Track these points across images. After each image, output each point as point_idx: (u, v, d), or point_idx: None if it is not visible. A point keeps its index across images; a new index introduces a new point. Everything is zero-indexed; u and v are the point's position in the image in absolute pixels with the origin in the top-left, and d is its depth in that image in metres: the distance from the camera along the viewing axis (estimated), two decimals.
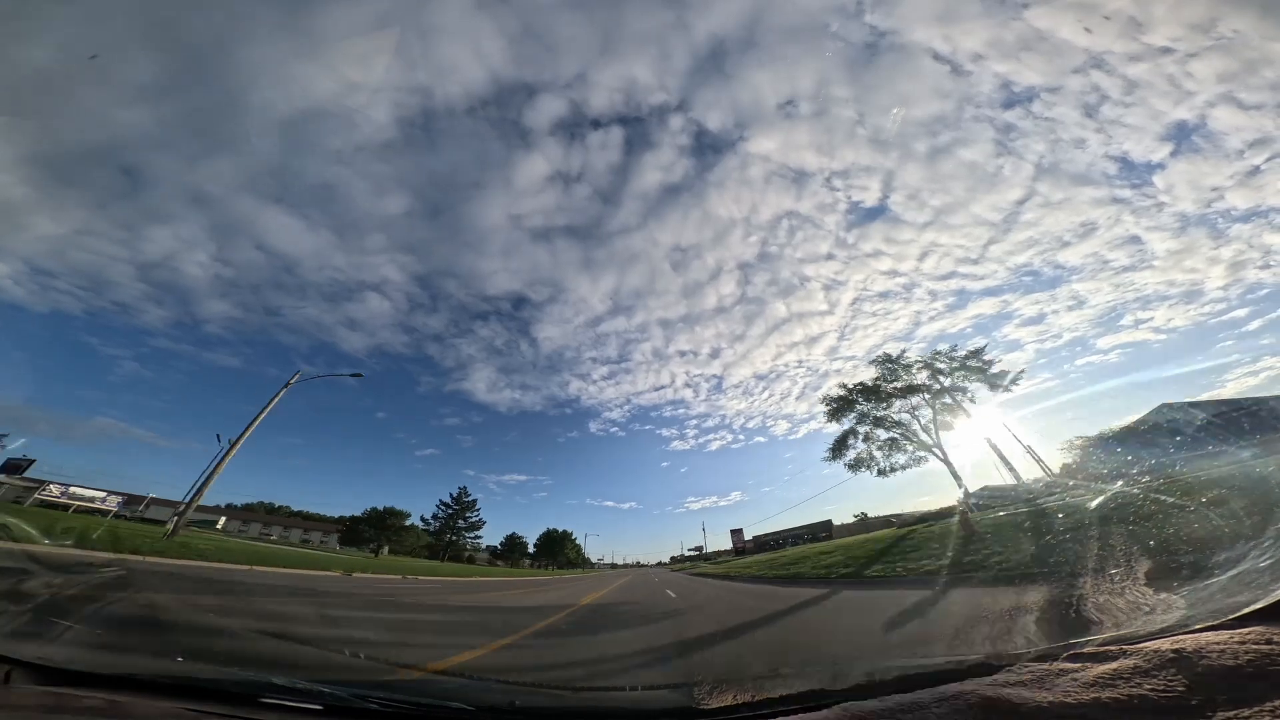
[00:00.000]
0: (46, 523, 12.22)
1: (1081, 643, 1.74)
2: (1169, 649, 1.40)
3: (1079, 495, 12.01)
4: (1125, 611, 2.32)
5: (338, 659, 4.39)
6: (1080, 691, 1.32)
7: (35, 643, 2.20)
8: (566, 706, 2.61)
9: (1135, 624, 2.02)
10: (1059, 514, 11.36)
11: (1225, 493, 4.28)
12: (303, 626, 6.39)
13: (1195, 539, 3.35)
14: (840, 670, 2.09)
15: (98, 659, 2.35)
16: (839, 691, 1.82)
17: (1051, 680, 1.44)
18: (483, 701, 2.26)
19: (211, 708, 1.81)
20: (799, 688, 1.91)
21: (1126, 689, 1.28)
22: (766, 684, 2.01)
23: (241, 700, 1.92)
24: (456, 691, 3.10)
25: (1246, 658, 1.26)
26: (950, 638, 4.91)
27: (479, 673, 4.62)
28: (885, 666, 2.08)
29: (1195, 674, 1.26)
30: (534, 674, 4.81)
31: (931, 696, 1.47)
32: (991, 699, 1.38)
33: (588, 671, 5.00)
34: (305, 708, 1.88)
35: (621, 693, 3.61)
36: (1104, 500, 6.35)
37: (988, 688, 1.46)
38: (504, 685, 3.67)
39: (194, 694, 1.93)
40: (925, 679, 1.76)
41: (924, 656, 2.61)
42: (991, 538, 13.68)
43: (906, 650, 5.06)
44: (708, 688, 2.07)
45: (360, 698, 1.95)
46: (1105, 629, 2.17)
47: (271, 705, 1.88)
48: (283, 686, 2.05)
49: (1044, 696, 1.33)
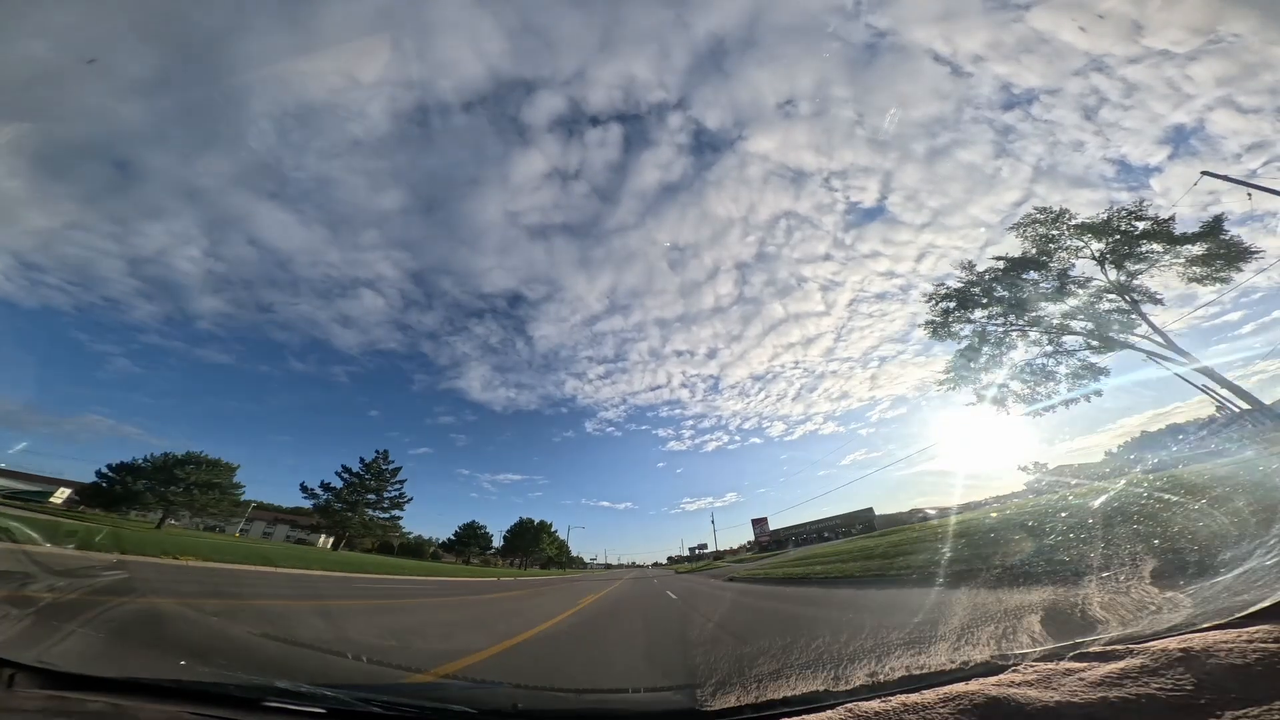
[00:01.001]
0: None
1: (1088, 642, 1.73)
2: (1176, 648, 1.39)
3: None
4: (1132, 610, 2.31)
5: (342, 663, 4.39)
6: (1087, 691, 1.31)
7: (38, 646, 2.20)
8: (569, 709, 2.61)
9: (1142, 623, 2.00)
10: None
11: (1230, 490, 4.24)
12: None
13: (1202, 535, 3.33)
14: (843, 670, 2.09)
15: (101, 663, 2.35)
16: (842, 692, 1.81)
17: (1058, 680, 1.43)
18: (486, 705, 2.27)
19: (215, 711, 1.81)
20: (802, 688, 1.92)
21: (1134, 688, 1.27)
22: (769, 685, 2.00)
23: (245, 704, 1.92)
24: (460, 695, 3.11)
25: (1255, 656, 1.24)
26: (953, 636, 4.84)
27: (483, 676, 4.61)
28: (889, 666, 2.07)
29: (1203, 673, 1.25)
30: (537, 677, 4.80)
31: (936, 696, 1.47)
32: (996, 699, 1.37)
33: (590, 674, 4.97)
34: (309, 711, 1.88)
35: (624, 695, 3.60)
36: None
37: (993, 687, 1.45)
38: (507, 688, 3.67)
39: (197, 698, 1.93)
40: (929, 679, 1.75)
41: (928, 656, 2.60)
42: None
43: (910, 650, 5.02)
44: (711, 689, 2.07)
45: (364, 701, 1.95)
46: (1112, 627, 2.16)
47: (275, 709, 1.88)
48: (286, 690, 2.05)
49: (1050, 696, 1.32)
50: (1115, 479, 8.96)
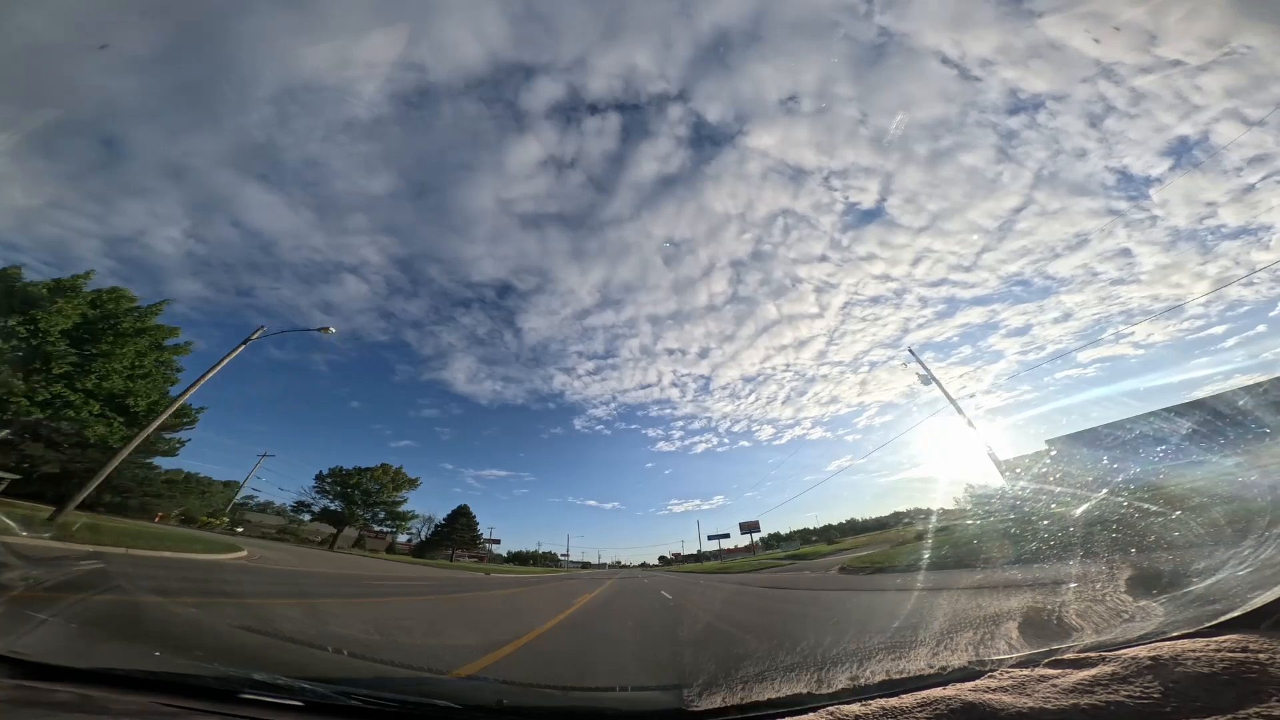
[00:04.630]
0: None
1: (1063, 649, 1.76)
2: (1146, 656, 1.42)
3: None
4: (1106, 618, 2.36)
5: (322, 655, 4.35)
6: (1059, 698, 1.34)
7: (7, 637, 2.15)
8: (555, 706, 2.60)
9: (1115, 630, 2.05)
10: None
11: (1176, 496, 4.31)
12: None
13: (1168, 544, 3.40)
14: (826, 674, 2.12)
15: (72, 653, 2.31)
16: (825, 695, 1.84)
17: (1032, 686, 1.46)
18: (470, 700, 2.25)
19: (189, 703, 1.78)
20: (786, 690, 1.95)
21: (1104, 695, 1.29)
22: (755, 686, 2.04)
23: (221, 696, 1.89)
24: (443, 690, 3.08)
25: (1222, 665, 1.27)
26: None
27: (471, 672, 4.59)
28: (870, 671, 2.10)
29: (1171, 681, 1.28)
30: (524, 674, 4.79)
31: (915, 701, 1.49)
32: (972, 704, 1.39)
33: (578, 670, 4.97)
34: (286, 704, 1.86)
35: (611, 693, 3.60)
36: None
37: (969, 693, 1.48)
38: (493, 684, 3.65)
39: (170, 689, 1.90)
40: (908, 683, 1.79)
41: (908, 660, 2.65)
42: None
43: (892, 654, 5.09)
44: (698, 689, 2.10)
45: (344, 695, 1.93)
46: (1086, 635, 2.20)
47: (251, 701, 1.86)
48: (263, 683, 2.02)
49: (1024, 702, 1.35)
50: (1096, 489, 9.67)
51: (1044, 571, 5.77)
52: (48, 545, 9.98)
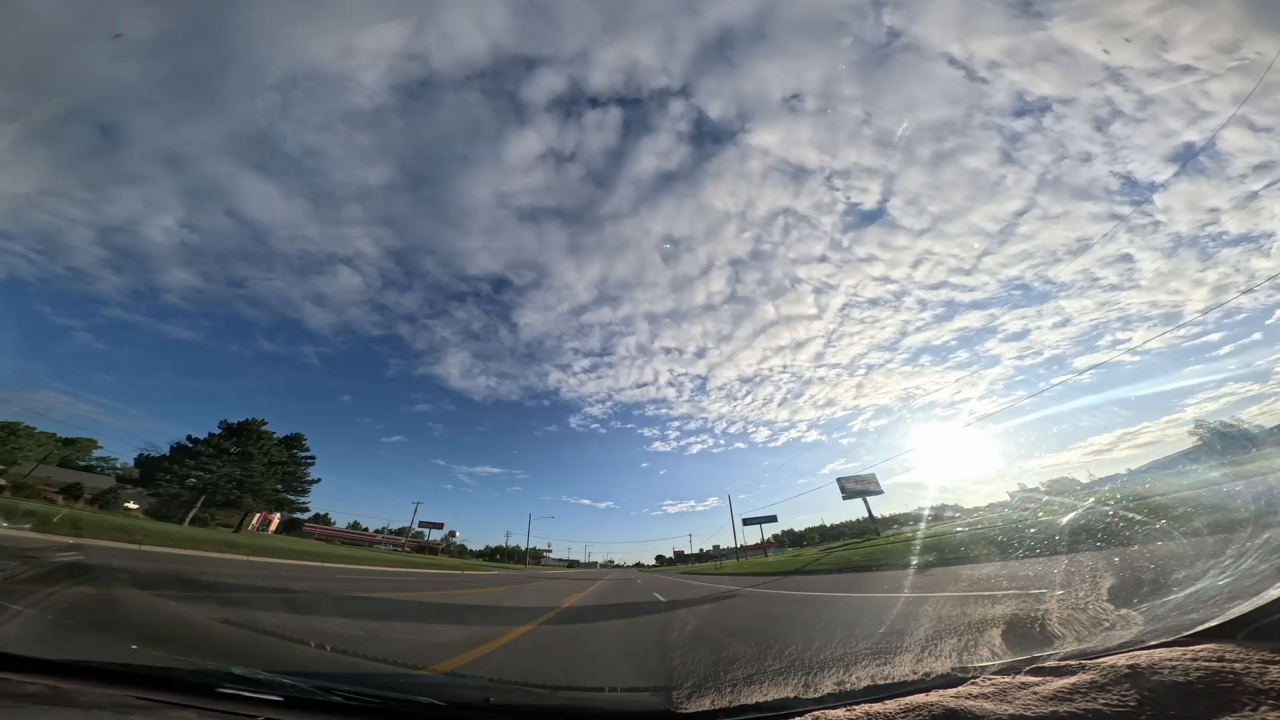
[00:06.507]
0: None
1: (1044, 656, 1.79)
2: (1124, 664, 1.44)
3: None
4: (1087, 626, 2.39)
5: (302, 650, 4.30)
6: (1039, 705, 1.35)
7: None
8: (543, 705, 2.58)
9: (1095, 639, 2.07)
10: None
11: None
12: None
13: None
14: (812, 679, 2.15)
15: (44, 645, 2.27)
16: (811, 700, 1.86)
17: (1013, 693, 1.47)
18: (455, 698, 2.22)
19: (165, 696, 1.75)
20: (774, 694, 1.98)
21: (1083, 703, 1.31)
22: (743, 690, 2.06)
23: (198, 689, 1.86)
24: (427, 686, 3.05)
25: (1197, 674, 1.29)
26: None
27: (454, 669, 4.56)
28: (855, 676, 2.13)
29: (1147, 690, 1.30)
30: (511, 671, 4.76)
31: (898, 706, 1.51)
32: (954, 710, 1.40)
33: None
34: (264, 699, 1.83)
35: (600, 693, 3.59)
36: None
37: (951, 699, 1.50)
38: (480, 682, 3.62)
39: (145, 682, 1.86)
40: (892, 689, 1.82)
41: (892, 666, 2.68)
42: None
43: (877, 659, 5.13)
44: (687, 691, 2.12)
45: (324, 690, 1.90)
46: (1068, 643, 2.23)
47: (229, 695, 1.83)
48: (241, 677, 1.99)
49: (1004, 710, 1.36)
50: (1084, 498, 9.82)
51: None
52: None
